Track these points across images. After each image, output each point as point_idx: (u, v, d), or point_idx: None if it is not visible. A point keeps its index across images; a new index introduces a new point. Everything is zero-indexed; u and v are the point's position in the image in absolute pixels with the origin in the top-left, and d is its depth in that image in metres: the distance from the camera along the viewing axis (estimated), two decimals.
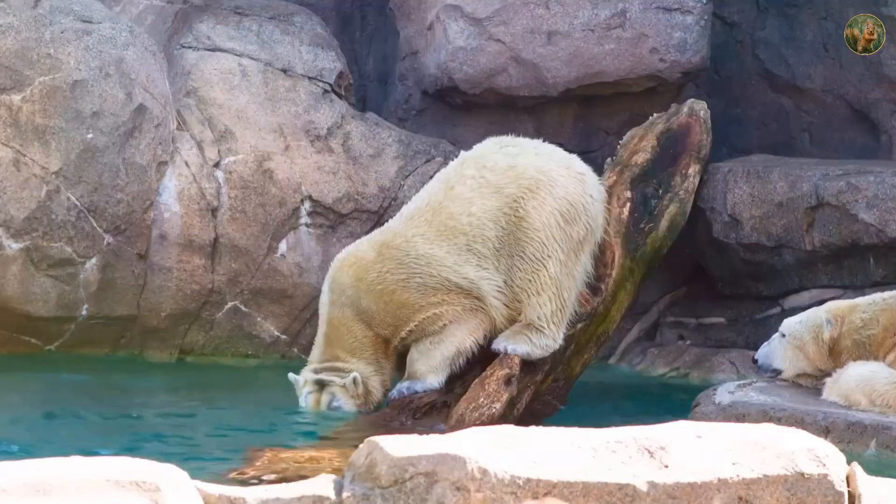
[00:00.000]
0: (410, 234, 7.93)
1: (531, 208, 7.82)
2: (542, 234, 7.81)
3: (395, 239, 7.97)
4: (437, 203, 7.98)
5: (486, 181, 7.91)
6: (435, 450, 4.15)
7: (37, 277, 9.13)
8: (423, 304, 7.85)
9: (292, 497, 4.11)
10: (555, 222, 7.84)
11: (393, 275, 7.89)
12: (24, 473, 3.88)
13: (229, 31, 9.99)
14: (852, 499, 4.43)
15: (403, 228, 8.01)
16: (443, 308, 7.84)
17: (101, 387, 8.68)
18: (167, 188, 9.45)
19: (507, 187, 7.87)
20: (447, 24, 10.37)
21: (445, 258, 7.82)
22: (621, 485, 4.20)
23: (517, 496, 4.10)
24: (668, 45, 10.30)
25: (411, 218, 8.05)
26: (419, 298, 7.85)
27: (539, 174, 7.89)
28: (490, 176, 7.92)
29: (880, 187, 9.28)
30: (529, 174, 7.88)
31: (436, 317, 7.86)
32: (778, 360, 7.91)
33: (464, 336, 7.85)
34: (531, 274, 7.80)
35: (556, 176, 7.94)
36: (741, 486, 4.29)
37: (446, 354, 7.82)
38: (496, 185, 7.90)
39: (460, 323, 7.84)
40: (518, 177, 7.89)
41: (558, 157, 8.10)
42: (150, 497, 3.89)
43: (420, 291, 7.85)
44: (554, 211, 7.85)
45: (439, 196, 8.00)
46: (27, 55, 9.12)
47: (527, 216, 7.81)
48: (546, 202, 7.85)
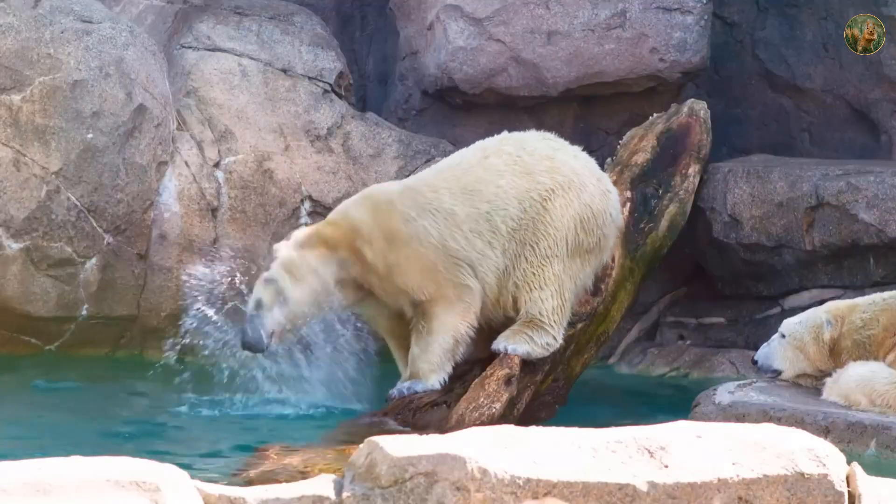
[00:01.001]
0: (438, 185, 7.91)
1: (558, 205, 7.85)
2: (560, 233, 7.85)
3: (422, 186, 7.89)
4: (468, 166, 7.99)
5: (522, 161, 7.95)
6: (435, 450, 4.15)
7: (37, 277, 9.13)
8: (418, 268, 7.75)
9: (292, 497, 4.12)
10: (573, 226, 7.88)
11: (405, 206, 7.78)
12: (24, 473, 3.88)
13: (229, 31, 9.99)
14: (852, 499, 4.43)
15: (433, 179, 7.97)
16: (431, 286, 7.75)
17: (101, 387, 8.67)
18: (167, 188, 9.45)
19: (541, 175, 7.90)
20: (447, 24, 10.37)
21: (463, 221, 7.79)
22: (621, 485, 4.20)
23: (517, 496, 4.10)
24: (668, 45, 10.31)
25: (440, 171, 8.05)
26: (419, 259, 7.75)
27: (573, 175, 7.93)
28: (528, 159, 7.96)
29: (880, 187, 9.28)
30: (565, 172, 7.92)
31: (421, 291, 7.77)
32: (778, 360, 7.91)
33: (455, 322, 7.79)
34: (537, 268, 7.81)
35: (587, 182, 7.98)
36: (741, 486, 4.29)
37: (445, 347, 7.79)
38: (531, 169, 7.92)
39: (447, 307, 7.78)
40: (554, 170, 7.93)
41: (592, 167, 8.15)
42: (150, 497, 3.90)
43: (423, 249, 7.75)
44: (576, 215, 7.88)
45: (473, 161, 8.02)
46: (27, 55, 9.12)
47: (552, 210, 7.84)
48: (572, 204, 7.88)
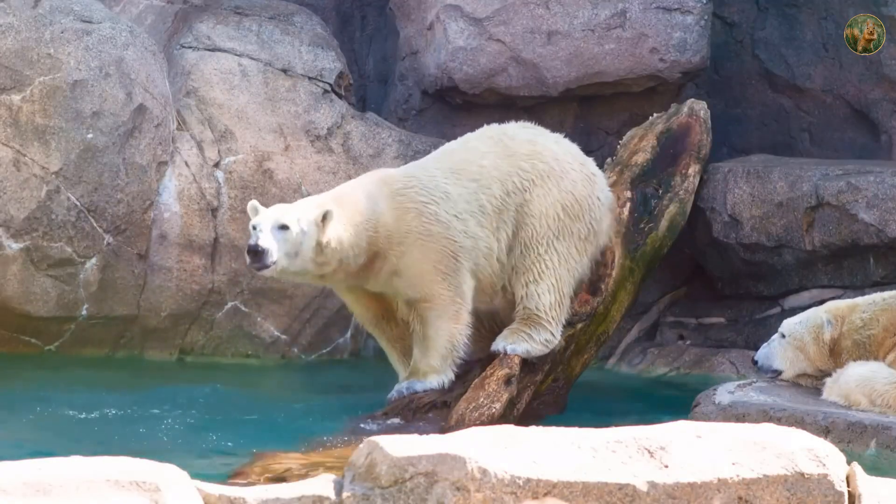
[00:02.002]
0: (427, 170, 7.94)
1: (535, 195, 7.88)
2: (540, 222, 7.87)
3: (406, 184, 7.89)
4: (451, 150, 8.10)
5: (503, 144, 8.00)
6: (435, 450, 4.15)
7: (37, 277, 9.13)
8: (420, 256, 7.75)
9: (292, 497, 4.12)
10: (554, 213, 7.89)
11: (416, 194, 7.82)
12: (24, 473, 3.88)
13: (229, 31, 9.99)
14: (852, 499, 4.43)
15: (418, 169, 7.99)
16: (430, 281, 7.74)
17: (100, 387, 8.67)
18: (167, 188, 9.46)
19: (522, 160, 7.93)
20: (447, 24, 10.37)
21: (458, 200, 7.81)
22: (621, 485, 4.20)
23: (517, 496, 4.10)
24: (668, 45, 10.31)
25: (425, 158, 8.15)
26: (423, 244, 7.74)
27: (554, 162, 7.96)
28: (509, 143, 8.01)
29: (880, 187, 9.28)
30: (546, 159, 7.95)
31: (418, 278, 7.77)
32: (778, 360, 7.91)
33: (450, 326, 7.78)
34: (531, 261, 7.83)
35: (569, 169, 8.01)
36: (741, 486, 4.29)
37: (443, 352, 7.79)
38: (513, 152, 7.96)
39: (441, 311, 7.78)
40: (534, 156, 7.96)
41: (575, 153, 8.20)
42: (150, 497, 3.90)
43: (432, 243, 7.74)
44: (556, 202, 7.90)
45: (454, 146, 8.15)
46: (27, 55, 9.12)
47: (531, 201, 7.86)
48: (551, 192, 7.90)
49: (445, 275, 7.73)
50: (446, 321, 7.76)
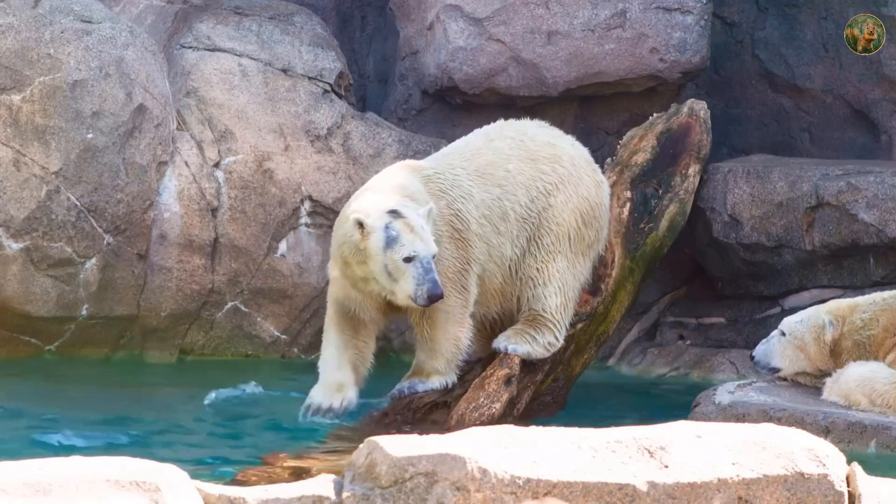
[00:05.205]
0: (452, 167, 7.81)
1: (558, 201, 7.87)
2: (561, 228, 7.87)
3: (436, 172, 7.79)
4: (475, 148, 7.93)
5: (524, 146, 7.94)
6: (435, 450, 4.15)
7: (37, 277, 9.13)
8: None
9: (292, 497, 4.12)
10: (574, 221, 7.91)
11: (447, 186, 7.71)
12: (24, 473, 3.88)
13: (229, 31, 9.98)
14: (852, 499, 4.44)
15: (441, 164, 7.84)
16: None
17: (100, 387, 8.67)
18: (167, 188, 9.45)
19: (544, 164, 7.90)
20: (447, 24, 10.37)
21: (480, 205, 7.76)
22: (621, 485, 4.20)
23: (517, 496, 4.10)
24: (668, 45, 10.31)
25: (447, 155, 7.98)
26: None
27: (571, 167, 7.96)
28: (530, 144, 7.96)
29: (880, 187, 9.28)
30: (565, 164, 7.94)
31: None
32: (777, 358, 7.90)
33: (455, 330, 7.77)
34: (541, 263, 7.83)
35: (584, 175, 8.03)
36: (741, 486, 4.29)
37: (448, 355, 7.79)
38: (534, 155, 7.92)
39: (447, 315, 7.77)
40: (555, 158, 7.94)
41: (588, 159, 8.20)
42: (150, 497, 3.90)
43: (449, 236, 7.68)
44: (576, 209, 7.92)
45: (478, 143, 7.97)
46: (27, 55, 9.12)
47: (554, 207, 7.86)
48: (571, 199, 7.91)
49: (458, 276, 7.73)
50: (454, 325, 7.77)
